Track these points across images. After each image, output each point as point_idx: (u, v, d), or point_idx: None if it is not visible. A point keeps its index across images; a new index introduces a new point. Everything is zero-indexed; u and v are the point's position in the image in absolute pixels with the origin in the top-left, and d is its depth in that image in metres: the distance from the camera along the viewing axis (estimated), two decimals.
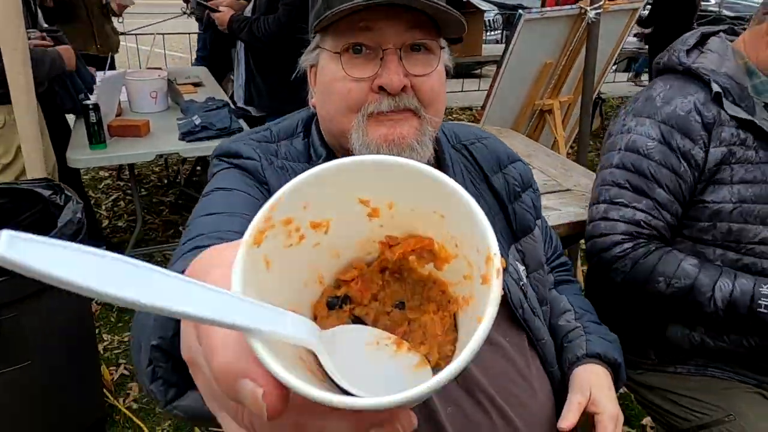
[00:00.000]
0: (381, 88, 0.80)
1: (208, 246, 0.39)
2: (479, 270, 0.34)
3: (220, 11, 3.05)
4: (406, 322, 0.41)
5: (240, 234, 0.36)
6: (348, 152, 0.86)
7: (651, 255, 1.33)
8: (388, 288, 0.43)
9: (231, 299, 0.29)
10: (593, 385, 0.99)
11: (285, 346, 0.31)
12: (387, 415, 0.31)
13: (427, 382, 0.29)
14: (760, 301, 1.27)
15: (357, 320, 0.41)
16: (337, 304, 0.41)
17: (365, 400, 0.28)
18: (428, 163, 0.87)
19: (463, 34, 0.85)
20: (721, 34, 1.44)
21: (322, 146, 0.91)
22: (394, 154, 0.77)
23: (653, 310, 1.43)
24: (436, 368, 0.37)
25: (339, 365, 0.34)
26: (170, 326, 0.53)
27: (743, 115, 1.31)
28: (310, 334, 0.33)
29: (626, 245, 1.34)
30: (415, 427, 0.33)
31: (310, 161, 0.90)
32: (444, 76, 0.89)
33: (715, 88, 1.32)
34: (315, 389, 0.28)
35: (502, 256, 0.33)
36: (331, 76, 0.84)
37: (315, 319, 0.41)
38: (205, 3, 3.41)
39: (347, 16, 0.80)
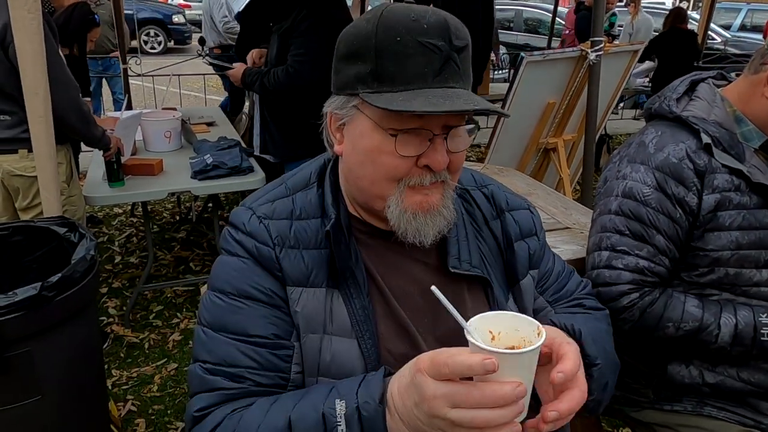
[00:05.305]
0: (426, 166, 0.88)
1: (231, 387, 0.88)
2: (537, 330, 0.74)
3: (232, 68, 3.17)
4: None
5: (246, 367, 0.88)
6: (372, 211, 0.94)
7: (657, 302, 1.34)
8: None
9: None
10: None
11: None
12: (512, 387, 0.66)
13: (533, 346, 0.69)
14: (762, 330, 1.30)
15: None
16: None
17: (507, 351, 0.68)
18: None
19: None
20: (710, 80, 1.47)
21: (333, 204, 0.96)
22: (427, 219, 0.90)
23: (655, 350, 1.44)
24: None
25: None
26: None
27: (733, 164, 1.32)
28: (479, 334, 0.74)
29: (633, 295, 1.34)
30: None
31: (323, 216, 0.96)
32: None
33: (705, 139, 1.33)
34: (486, 345, 0.67)
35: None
36: (376, 148, 0.88)
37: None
38: (218, 63, 3.52)
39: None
